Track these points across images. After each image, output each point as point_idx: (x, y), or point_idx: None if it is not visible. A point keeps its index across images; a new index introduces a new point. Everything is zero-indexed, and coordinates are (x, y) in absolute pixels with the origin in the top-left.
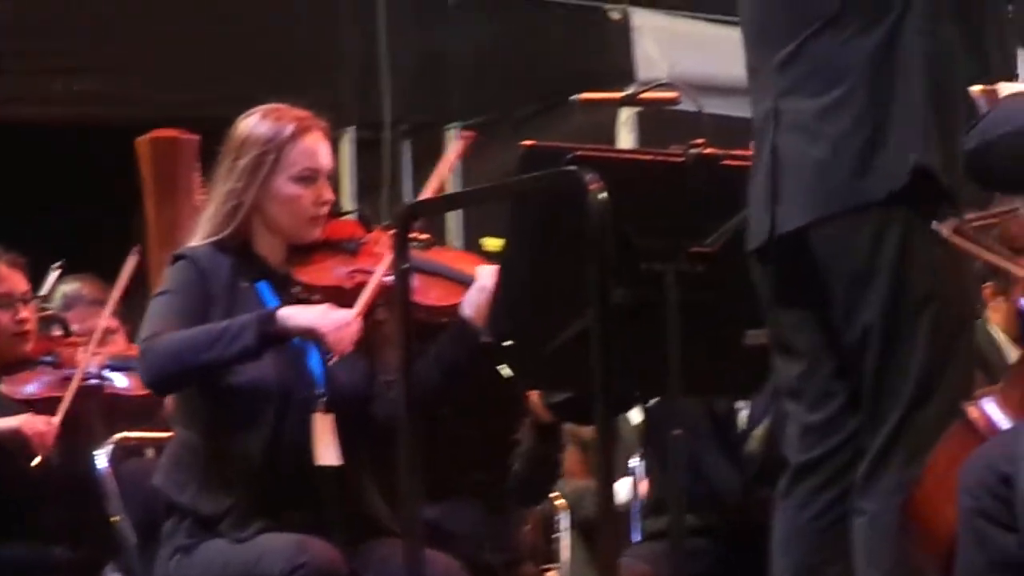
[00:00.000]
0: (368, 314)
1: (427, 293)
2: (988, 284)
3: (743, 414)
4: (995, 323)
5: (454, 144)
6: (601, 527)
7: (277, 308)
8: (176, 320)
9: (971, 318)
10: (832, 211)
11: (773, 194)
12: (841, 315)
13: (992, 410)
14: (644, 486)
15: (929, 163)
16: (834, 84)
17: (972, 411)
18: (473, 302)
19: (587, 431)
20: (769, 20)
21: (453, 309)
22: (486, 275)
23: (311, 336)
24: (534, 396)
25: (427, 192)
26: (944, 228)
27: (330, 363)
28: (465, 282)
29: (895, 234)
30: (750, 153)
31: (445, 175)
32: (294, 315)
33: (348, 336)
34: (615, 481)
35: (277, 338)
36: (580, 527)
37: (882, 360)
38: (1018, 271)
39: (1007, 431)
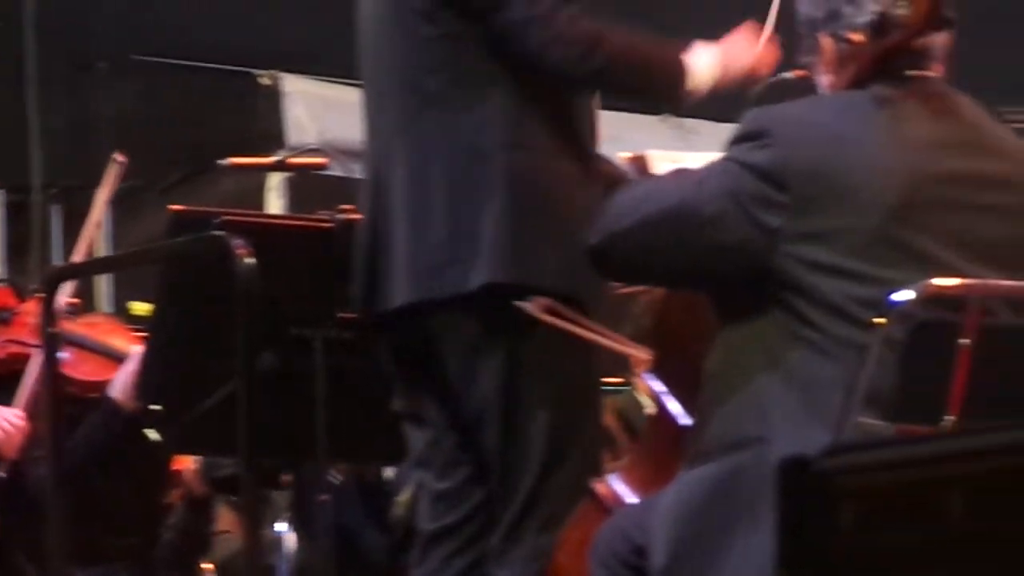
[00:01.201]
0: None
1: (79, 367)
2: None
3: (389, 479)
4: (643, 390)
5: (109, 173)
6: None
7: None
8: None
9: (596, 383)
10: (426, 296)
11: (370, 267)
12: (458, 387)
13: (619, 485)
14: (291, 551)
15: (497, 279)
16: (430, 164)
17: (600, 487)
18: (121, 384)
19: None
20: (384, 88)
21: (105, 384)
22: (136, 356)
23: None
24: (188, 469)
25: (80, 249)
26: (533, 307)
27: None
28: (118, 358)
29: (502, 312)
30: None
31: (102, 209)
32: None
33: (15, 443)
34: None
35: None
36: None
37: (504, 431)
38: (614, 347)
39: (638, 504)
